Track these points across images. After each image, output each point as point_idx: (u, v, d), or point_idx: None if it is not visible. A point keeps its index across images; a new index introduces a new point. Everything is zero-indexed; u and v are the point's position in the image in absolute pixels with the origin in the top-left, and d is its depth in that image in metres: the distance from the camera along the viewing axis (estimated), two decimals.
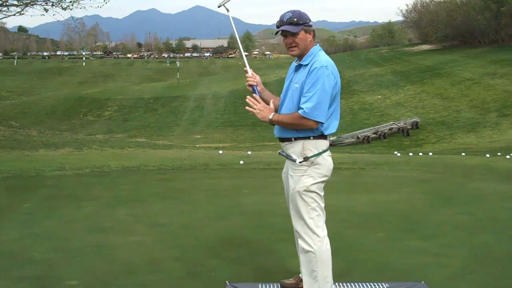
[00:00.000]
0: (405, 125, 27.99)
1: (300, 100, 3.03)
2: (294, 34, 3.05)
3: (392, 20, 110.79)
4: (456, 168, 10.59)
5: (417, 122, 29.12)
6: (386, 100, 38.38)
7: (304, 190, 3.04)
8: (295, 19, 3.03)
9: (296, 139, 3.08)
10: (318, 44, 3.16)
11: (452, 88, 36.90)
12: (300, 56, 3.14)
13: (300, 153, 3.06)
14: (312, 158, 3.04)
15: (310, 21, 3.09)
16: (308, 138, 3.05)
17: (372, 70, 50.98)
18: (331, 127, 3.10)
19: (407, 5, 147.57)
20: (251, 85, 3.28)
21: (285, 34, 3.09)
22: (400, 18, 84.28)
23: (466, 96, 34.15)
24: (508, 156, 13.73)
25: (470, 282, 3.64)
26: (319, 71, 2.98)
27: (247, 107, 3.21)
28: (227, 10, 3.38)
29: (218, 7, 3.42)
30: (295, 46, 3.09)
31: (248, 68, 3.32)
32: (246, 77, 3.31)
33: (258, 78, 3.32)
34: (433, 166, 10.92)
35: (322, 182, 3.10)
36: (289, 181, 3.14)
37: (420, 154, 15.88)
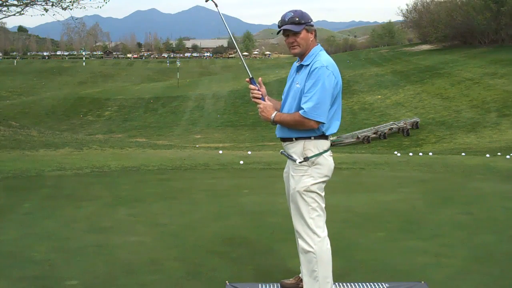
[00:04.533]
0: (405, 125, 27.99)
1: (301, 100, 3.03)
2: (296, 34, 3.06)
3: (392, 20, 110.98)
4: (456, 168, 10.59)
5: (417, 122, 29.12)
6: (386, 100, 38.38)
7: (305, 190, 3.04)
8: (297, 18, 3.04)
9: (297, 139, 3.08)
10: (319, 44, 3.17)
11: (452, 88, 36.91)
12: (301, 56, 3.14)
13: (301, 153, 3.06)
14: (313, 158, 3.05)
15: (311, 21, 3.10)
16: (309, 138, 3.05)
17: (372, 70, 50.99)
18: (333, 127, 3.10)
19: (407, 5, 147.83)
20: (255, 97, 3.18)
21: (287, 33, 3.09)
22: (400, 18, 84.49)
23: (466, 96, 34.15)
24: (508, 156, 13.73)
25: (470, 282, 3.64)
26: (320, 71, 2.98)
27: (253, 100, 3.17)
28: (216, 5, 3.29)
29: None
30: (296, 45, 3.09)
31: (252, 79, 3.18)
32: (250, 89, 3.17)
33: (263, 89, 3.22)
34: (433, 166, 10.92)
35: (323, 182, 3.10)
36: (290, 181, 3.14)
37: (420, 154, 15.88)
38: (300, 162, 3.05)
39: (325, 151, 3.09)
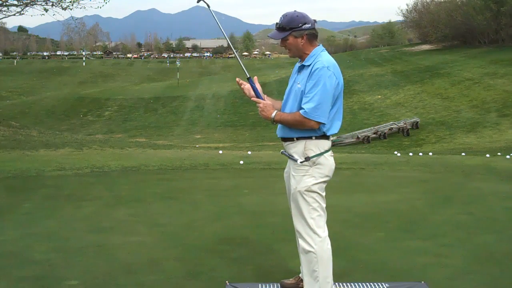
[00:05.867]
0: (405, 125, 27.97)
1: (302, 101, 3.03)
2: (283, 40, 3.07)
3: (392, 20, 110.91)
4: (456, 168, 10.59)
5: (417, 122, 29.10)
6: (386, 100, 38.36)
7: (306, 190, 3.04)
8: (283, 25, 3.05)
9: (298, 139, 3.08)
10: (321, 45, 3.16)
11: (452, 88, 36.89)
12: (302, 57, 3.14)
13: (302, 153, 3.06)
14: (314, 158, 3.05)
15: (305, 23, 3.04)
16: (310, 138, 3.05)
17: (372, 70, 50.97)
18: (334, 127, 3.10)
19: (407, 5, 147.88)
20: (248, 95, 3.22)
21: None
22: (400, 18, 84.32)
23: (466, 96, 34.13)
24: (508, 156, 13.72)
25: (470, 282, 3.64)
26: (321, 72, 2.98)
27: (253, 98, 3.19)
28: (208, 6, 3.27)
29: (197, 2, 3.35)
30: (288, 49, 3.13)
31: (249, 79, 3.18)
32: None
33: (259, 86, 3.23)
34: (433, 166, 10.92)
35: (324, 182, 3.10)
36: (290, 181, 3.14)
37: (420, 154, 15.87)
38: (301, 162, 3.05)
39: (326, 151, 3.09)
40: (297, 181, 3.07)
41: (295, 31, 3.05)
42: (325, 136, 3.08)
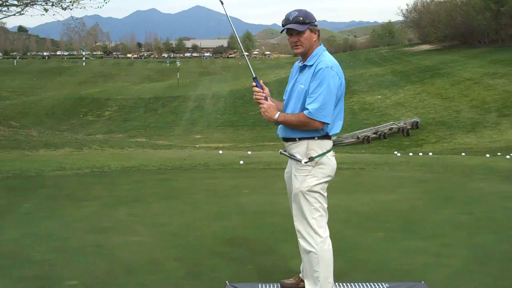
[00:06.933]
0: (405, 125, 27.98)
1: (305, 101, 3.02)
2: (300, 33, 3.04)
3: (392, 20, 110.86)
4: (456, 168, 10.59)
5: (417, 122, 29.11)
6: (386, 100, 38.37)
7: (308, 190, 3.04)
8: (301, 18, 3.03)
9: (300, 139, 3.07)
10: (322, 45, 3.16)
11: (452, 88, 36.90)
12: (304, 56, 3.13)
13: (305, 153, 3.06)
14: (317, 158, 3.04)
15: (315, 20, 3.09)
16: (313, 138, 3.05)
17: (372, 70, 50.98)
18: (336, 127, 3.11)
19: (407, 5, 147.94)
20: (257, 99, 3.19)
21: (290, 32, 3.08)
22: (400, 18, 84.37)
23: (466, 96, 34.14)
24: (508, 156, 13.73)
25: (470, 282, 3.64)
26: (324, 72, 2.98)
27: (255, 100, 3.19)
28: (221, 3, 3.28)
29: None
30: (300, 45, 3.08)
31: (255, 79, 3.19)
32: (254, 91, 3.19)
33: (266, 90, 3.22)
34: (433, 166, 10.92)
35: (326, 182, 3.10)
36: (292, 181, 3.13)
37: (420, 154, 15.88)
38: (305, 162, 3.04)
39: (328, 151, 3.09)
40: (299, 181, 3.07)
41: (311, 25, 3.07)
42: (327, 136, 3.08)
